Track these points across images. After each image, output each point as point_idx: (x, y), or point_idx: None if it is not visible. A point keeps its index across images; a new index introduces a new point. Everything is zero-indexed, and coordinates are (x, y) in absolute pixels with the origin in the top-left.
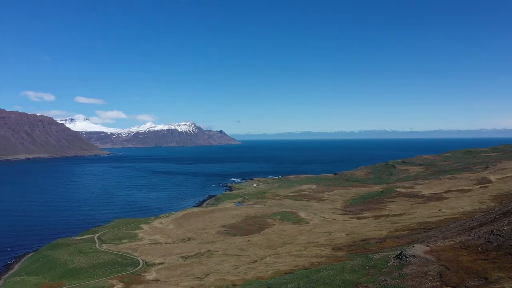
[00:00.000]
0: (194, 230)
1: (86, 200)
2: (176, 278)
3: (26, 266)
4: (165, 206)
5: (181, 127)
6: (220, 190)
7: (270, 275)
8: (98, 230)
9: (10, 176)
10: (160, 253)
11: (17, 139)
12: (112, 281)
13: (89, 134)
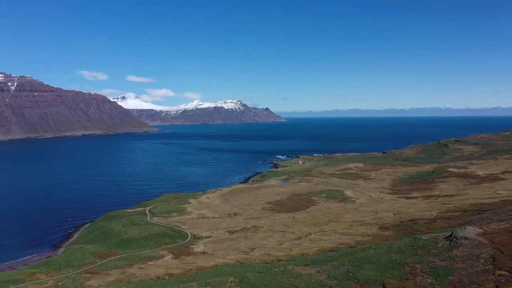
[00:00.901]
0: (240, 205)
1: (137, 175)
2: (222, 252)
3: (84, 235)
4: (212, 182)
5: (227, 104)
6: (265, 167)
7: (314, 252)
8: (149, 203)
9: (68, 151)
10: (207, 227)
11: (74, 116)
12: (163, 252)
13: (139, 112)
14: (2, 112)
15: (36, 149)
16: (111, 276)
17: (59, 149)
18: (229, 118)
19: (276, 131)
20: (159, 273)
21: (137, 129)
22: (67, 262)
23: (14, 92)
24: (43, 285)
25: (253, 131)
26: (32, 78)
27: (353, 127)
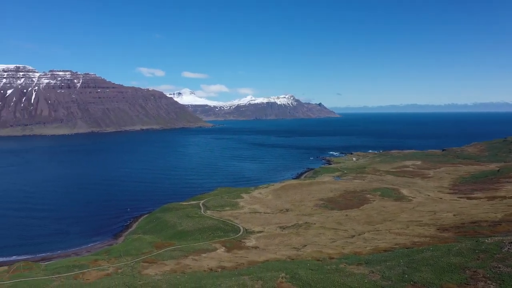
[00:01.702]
0: (292, 201)
1: (191, 169)
2: (274, 247)
3: (142, 226)
4: (264, 177)
5: (280, 100)
6: (318, 164)
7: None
8: (203, 197)
9: (128, 145)
10: (259, 222)
11: (133, 112)
12: (216, 244)
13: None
14: (69, 108)
15: (99, 142)
16: (166, 266)
17: (119, 143)
18: (281, 114)
19: (330, 127)
20: (212, 265)
21: (192, 124)
22: (126, 251)
23: (80, 89)
24: (104, 272)
25: (305, 126)
26: (95, 75)
27: (410, 123)
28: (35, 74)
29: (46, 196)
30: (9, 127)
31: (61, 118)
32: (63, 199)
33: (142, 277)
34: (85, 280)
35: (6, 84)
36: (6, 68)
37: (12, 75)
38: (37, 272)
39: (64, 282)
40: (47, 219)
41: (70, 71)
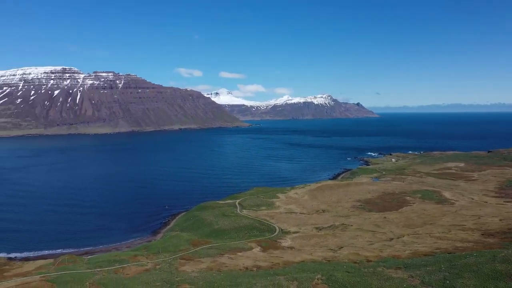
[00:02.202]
0: (329, 202)
1: (228, 168)
2: (310, 248)
3: (179, 223)
4: (300, 177)
5: (317, 99)
6: (355, 164)
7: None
8: (239, 196)
9: (167, 144)
10: (295, 222)
11: (172, 111)
12: (251, 244)
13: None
14: (111, 108)
15: (138, 141)
16: (203, 263)
17: (158, 142)
18: (318, 113)
19: (368, 127)
20: (247, 264)
21: (228, 124)
22: (164, 247)
23: (121, 89)
24: (143, 267)
25: (343, 126)
26: (136, 76)
27: (453, 123)
28: (80, 76)
29: (90, 193)
30: (56, 126)
31: (103, 117)
32: (105, 196)
33: (179, 274)
34: (125, 275)
35: (53, 85)
36: (54, 70)
37: (59, 77)
38: (81, 265)
39: (105, 276)
40: (90, 215)
41: (112, 72)
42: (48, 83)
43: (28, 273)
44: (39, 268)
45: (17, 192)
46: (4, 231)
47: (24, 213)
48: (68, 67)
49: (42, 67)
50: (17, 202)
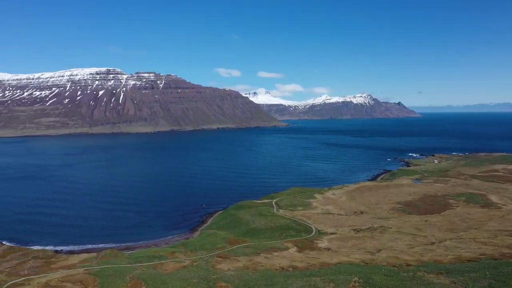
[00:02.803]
0: (367, 204)
1: (265, 167)
2: (347, 250)
3: (216, 221)
4: (338, 178)
5: (356, 99)
6: (396, 165)
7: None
8: (276, 196)
9: (205, 143)
10: (332, 223)
11: (210, 111)
12: (288, 244)
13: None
14: (152, 107)
15: (178, 140)
16: (239, 262)
17: (197, 141)
18: (357, 113)
19: (409, 127)
20: (283, 264)
21: (266, 123)
22: (201, 245)
23: (162, 89)
24: (181, 264)
25: (383, 126)
26: (176, 76)
27: (502, 123)
28: (123, 76)
29: (131, 190)
30: (100, 125)
31: (145, 117)
32: (145, 194)
33: (216, 272)
34: (164, 271)
35: (98, 86)
36: (99, 71)
37: (103, 77)
38: (121, 260)
39: (145, 271)
40: (131, 212)
41: (153, 72)
42: (94, 83)
43: (72, 266)
44: (83, 261)
45: (63, 188)
46: (52, 225)
47: (70, 208)
48: (112, 68)
49: (88, 68)
50: (64, 198)
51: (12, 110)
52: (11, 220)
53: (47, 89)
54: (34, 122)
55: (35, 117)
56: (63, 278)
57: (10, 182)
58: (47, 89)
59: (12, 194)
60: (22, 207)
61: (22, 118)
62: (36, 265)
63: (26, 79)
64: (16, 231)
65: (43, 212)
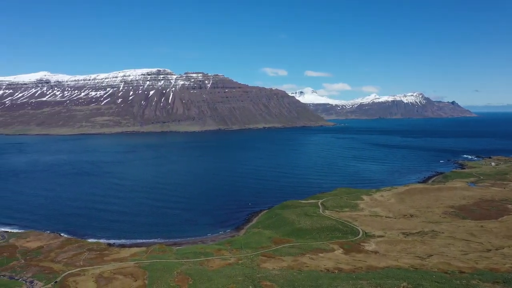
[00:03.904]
0: (417, 207)
1: (310, 167)
2: (395, 254)
3: (262, 220)
4: (387, 179)
5: (407, 98)
6: (449, 167)
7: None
8: (322, 196)
9: (251, 142)
10: (380, 226)
11: (256, 110)
12: (333, 245)
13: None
14: (200, 107)
15: (224, 139)
16: (284, 262)
17: (243, 141)
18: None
19: (464, 127)
20: (328, 266)
21: (312, 123)
22: (246, 243)
23: (210, 89)
24: (226, 261)
25: (435, 126)
26: (223, 76)
27: None
28: (173, 76)
29: (179, 188)
30: (150, 124)
31: (193, 116)
32: (192, 191)
33: (261, 270)
34: (209, 267)
35: (149, 86)
36: (150, 72)
37: (154, 78)
38: (170, 255)
39: (192, 267)
40: (179, 209)
41: (202, 72)
42: (145, 84)
43: (124, 259)
44: (134, 255)
45: (115, 185)
46: (105, 219)
47: (121, 204)
48: (162, 69)
49: (139, 69)
50: (115, 194)
51: (70, 110)
52: (68, 214)
53: (102, 90)
54: (90, 121)
55: (91, 116)
56: (115, 270)
57: (67, 178)
58: (102, 90)
59: (68, 189)
60: (78, 202)
61: (79, 117)
62: (91, 257)
63: (83, 80)
64: (73, 224)
65: (96, 207)
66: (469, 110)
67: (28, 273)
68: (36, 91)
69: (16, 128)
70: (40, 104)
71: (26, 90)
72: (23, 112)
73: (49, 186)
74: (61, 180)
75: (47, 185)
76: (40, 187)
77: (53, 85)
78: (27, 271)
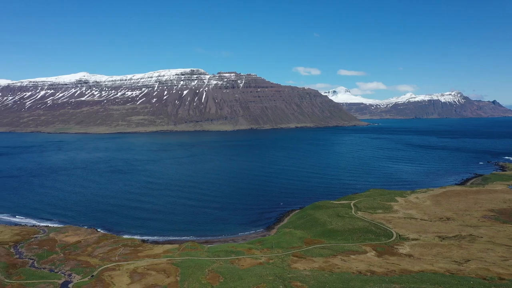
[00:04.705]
0: (454, 210)
1: (343, 168)
2: (431, 257)
3: (293, 220)
4: (422, 181)
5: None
6: (489, 169)
7: None
8: (354, 197)
9: (282, 142)
10: (415, 229)
11: (289, 110)
12: (366, 247)
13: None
14: (232, 106)
15: (256, 139)
16: (315, 262)
17: (274, 140)
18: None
19: (506, 128)
20: (360, 268)
21: (345, 123)
22: (277, 243)
23: (242, 89)
24: (257, 260)
25: (475, 127)
26: (256, 76)
27: None
28: (206, 76)
29: (210, 186)
30: (184, 123)
31: (225, 115)
32: (223, 190)
33: (291, 271)
34: (240, 266)
35: (183, 86)
36: (184, 72)
37: (187, 78)
38: (201, 253)
39: (223, 265)
40: (210, 207)
41: (234, 72)
42: (179, 84)
43: (157, 256)
44: (166, 251)
45: (148, 183)
46: (139, 216)
47: (154, 202)
48: (195, 69)
49: (174, 69)
50: (149, 193)
51: (107, 109)
52: (104, 210)
53: (137, 90)
54: (126, 120)
55: (127, 115)
56: (148, 266)
57: (103, 175)
58: (138, 90)
59: (104, 186)
60: (113, 199)
61: (115, 116)
62: (126, 252)
63: (119, 80)
64: (108, 220)
65: (131, 205)
66: (511, 109)
67: (67, 266)
68: (75, 91)
69: (57, 127)
70: (79, 103)
71: (66, 90)
72: (64, 111)
73: (86, 183)
74: (97, 178)
75: (84, 182)
76: (78, 184)
77: (91, 85)
78: (66, 264)
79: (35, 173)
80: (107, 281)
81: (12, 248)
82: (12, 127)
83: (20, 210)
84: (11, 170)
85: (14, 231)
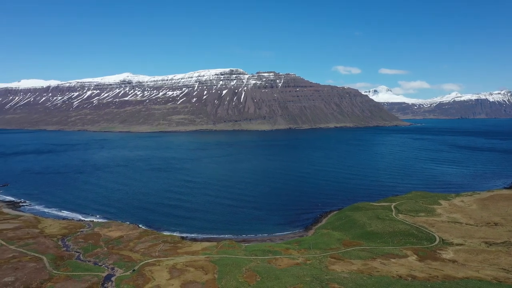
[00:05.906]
0: (503, 215)
1: (383, 169)
2: (476, 264)
3: (331, 221)
4: (468, 184)
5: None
6: None
7: None
8: (395, 199)
9: (321, 142)
10: (459, 233)
11: (328, 109)
12: (407, 251)
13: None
14: (271, 106)
15: (294, 138)
16: (353, 265)
17: (313, 140)
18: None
19: None
20: (401, 272)
21: (386, 123)
22: (315, 244)
23: (281, 88)
24: (294, 261)
25: None
26: (295, 75)
27: None
28: (245, 76)
29: (248, 186)
30: (222, 122)
31: (264, 115)
32: (261, 190)
33: (329, 272)
34: (277, 266)
35: (222, 86)
36: (223, 72)
37: (227, 78)
38: (238, 252)
39: (260, 264)
40: (248, 207)
41: (273, 72)
42: (218, 83)
43: (195, 253)
44: (204, 249)
45: (187, 182)
46: (178, 215)
47: (193, 201)
48: (234, 69)
49: (213, 69)
50: (188, 191)
51: (150, 109)
52: (145, 208)
53: (178, 89)
54: (167, 119)
55: (168, 115)
56: (187, 262)
57: (143, 173)
58: (178, 89)
59: (145, 184)
60: (153, 197)
61: (157, 115)
62: (165, 249)
63: (161, 81)
64: (149, 217)
65: (171, 203)
66: None
67: (110, 260)
68: (119, 91)
69: (102, 126)
70: (123, 103)
71: (111, 90)
72: (108, 111)
73: (127, 181)
74: (138, 176)
75: (126, 180)
76: (120, 182)
77: (134, 85)
78: (109, 258)
79: (80, 170)
80: (148, 276)
81: (60, 241)
82: (61, 125)
83: (66, 205)
84: (58, 167)
85: (62, 225)
